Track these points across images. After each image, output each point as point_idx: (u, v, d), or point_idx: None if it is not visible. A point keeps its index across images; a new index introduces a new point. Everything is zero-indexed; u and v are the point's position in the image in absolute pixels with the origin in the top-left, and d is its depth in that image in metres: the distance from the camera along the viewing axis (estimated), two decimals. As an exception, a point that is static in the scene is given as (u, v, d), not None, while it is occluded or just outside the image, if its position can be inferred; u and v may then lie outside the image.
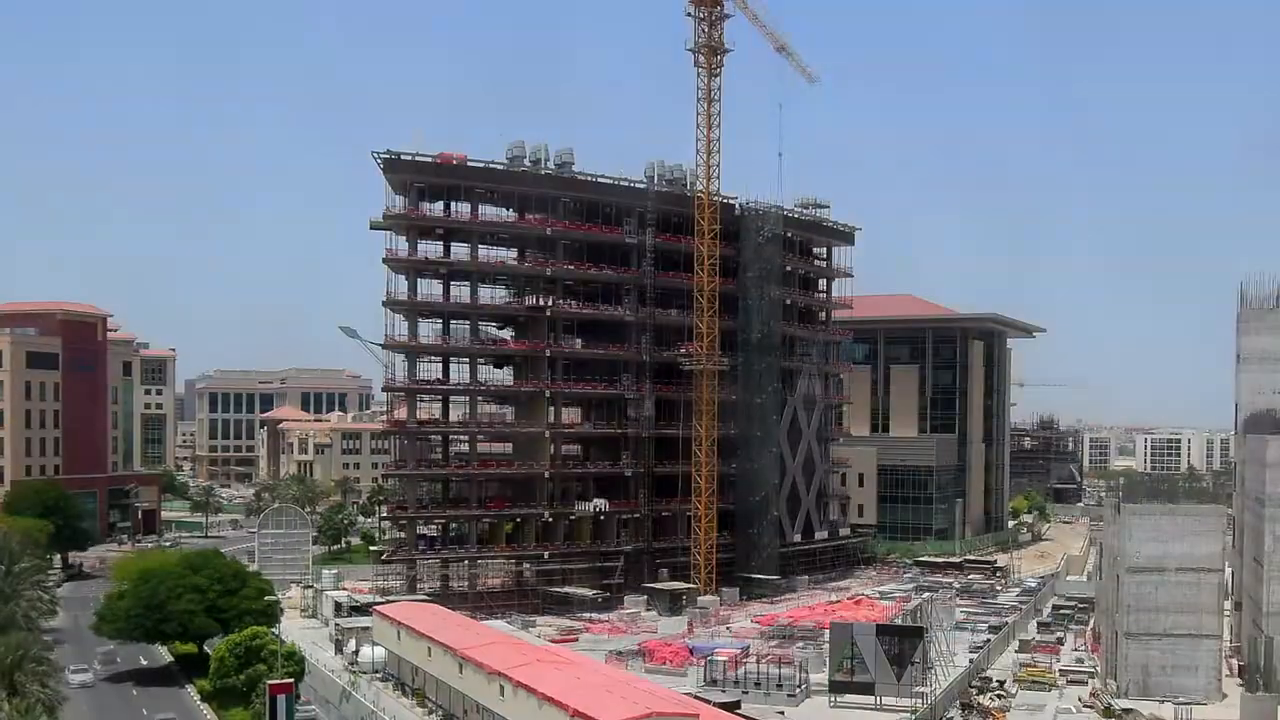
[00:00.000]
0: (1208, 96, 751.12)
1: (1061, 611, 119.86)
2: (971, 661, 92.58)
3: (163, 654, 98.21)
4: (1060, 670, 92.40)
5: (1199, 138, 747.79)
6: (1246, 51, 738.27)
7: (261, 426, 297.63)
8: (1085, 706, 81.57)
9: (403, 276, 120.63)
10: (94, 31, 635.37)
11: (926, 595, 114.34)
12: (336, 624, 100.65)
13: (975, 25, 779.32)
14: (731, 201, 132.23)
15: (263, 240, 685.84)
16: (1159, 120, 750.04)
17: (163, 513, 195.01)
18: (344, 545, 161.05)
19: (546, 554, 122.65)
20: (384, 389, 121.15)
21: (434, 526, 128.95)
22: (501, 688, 68.66)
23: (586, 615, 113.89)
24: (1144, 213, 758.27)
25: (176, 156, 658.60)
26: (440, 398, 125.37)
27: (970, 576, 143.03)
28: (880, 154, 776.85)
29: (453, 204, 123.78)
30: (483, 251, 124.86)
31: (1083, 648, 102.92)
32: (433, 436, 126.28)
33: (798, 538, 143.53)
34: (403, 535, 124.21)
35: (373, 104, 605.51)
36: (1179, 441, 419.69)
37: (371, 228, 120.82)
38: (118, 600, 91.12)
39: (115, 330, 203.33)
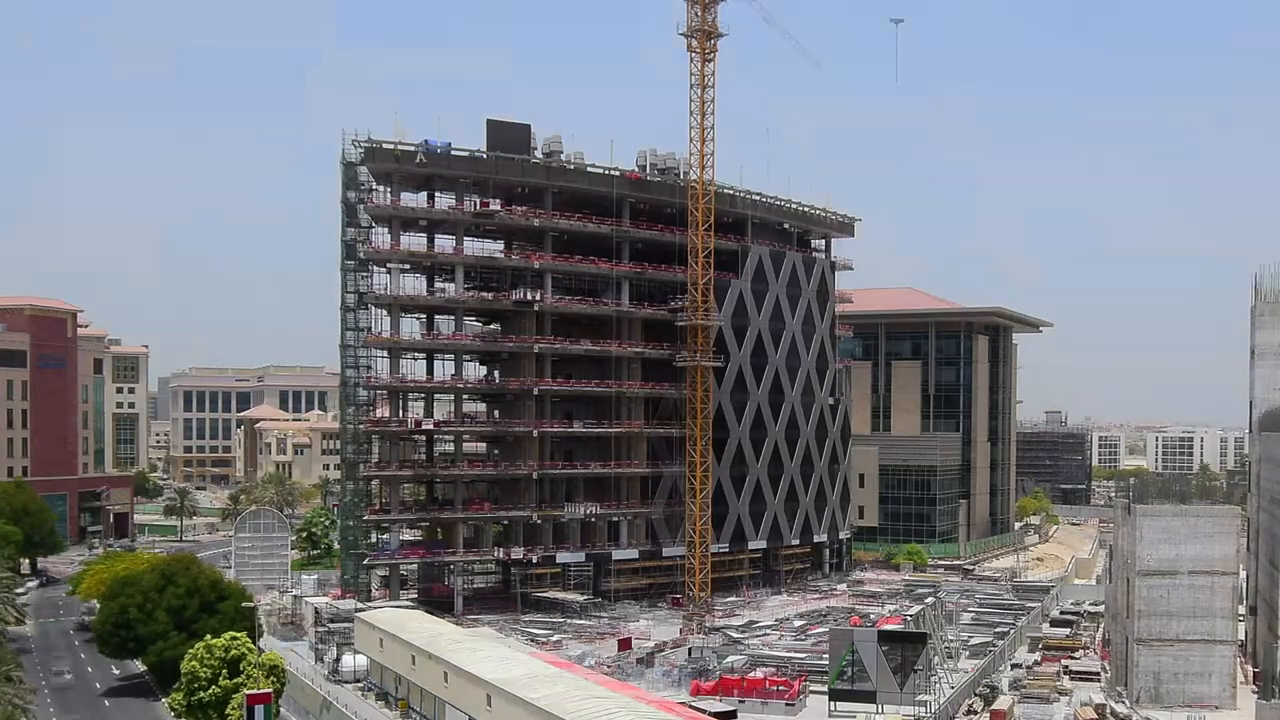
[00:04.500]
0: (1216, 85, 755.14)
1: (1068, 617, 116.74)
2: (976, 668, 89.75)
3: (135, 663, 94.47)
4: (1068, 671, 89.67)
5: (1210, 126, 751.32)
6: (1257, 36, 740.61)
7: (238, 426, 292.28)
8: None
9: (383, 269, 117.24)
10: (68, 23, 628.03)
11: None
12: (317, 632, 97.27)
13: (978, 13, 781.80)
14: (727, 191, 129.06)
15: (240, 234, 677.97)
16: (1166, 110, 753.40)
17: (136, 516, 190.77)
18: (323, 549, 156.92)
19: (535, 558, 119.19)
20: (366, 386, 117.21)
21: (418, 530, 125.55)
22: (488, 697, 67.22)
23: (576, 620, 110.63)
24: (1152, 204, 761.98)
25: (148, 149, 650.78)
26: (423, 395, 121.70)
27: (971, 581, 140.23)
28: (882, 146, 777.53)
29: (436, 195, 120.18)
30: (468, 244, 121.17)
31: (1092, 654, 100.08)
32: (416, 436, 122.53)
33: (796, 541, 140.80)
34: (385, 538, 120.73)
35: (350, 92, 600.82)
36: (1191, 440, 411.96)
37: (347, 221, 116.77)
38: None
39: (85, 326, 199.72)
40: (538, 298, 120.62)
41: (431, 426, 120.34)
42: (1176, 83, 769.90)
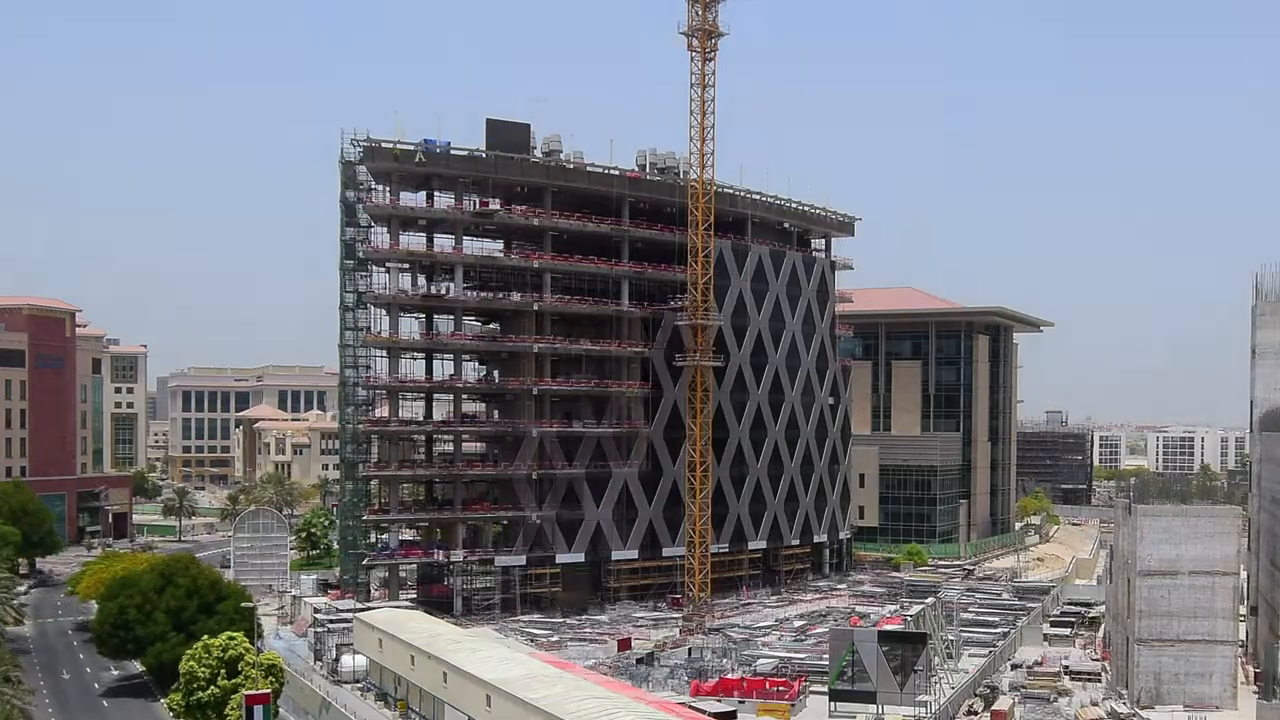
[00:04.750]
0: (1219, 84, 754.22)
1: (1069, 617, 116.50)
2: (976, 668, 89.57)
3: (134, 664, 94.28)
4: (1069, 671, 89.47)
5: (1211, 126, 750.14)
6: (1262, 35, 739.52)
7: (237, 426, 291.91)
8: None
9: (382, 269, 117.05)
10: (68, 21, 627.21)
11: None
12: (315, 632, 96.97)
13: (978, 10, 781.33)
14: (727, 191, 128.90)
15: (239, 234, 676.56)
16: (1169, 108, 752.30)
17: (134, 516, 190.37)
18: (322, 550, 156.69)
19: (535, 557, 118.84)
20: (365, 386, 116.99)
21: (417, 530, 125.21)
22: (488, 697, 67.03)
23: (575, 620, 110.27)
24: (1154, 202, 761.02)
25: (145, 148, 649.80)
26: (423, 395, 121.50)
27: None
28: (883, 144, 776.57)
29: (435, 194, 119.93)
30: (467, 244, 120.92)
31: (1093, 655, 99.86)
32: (415, 436, 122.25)
33: (796, 541, 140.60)
34: (384, 538, 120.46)
35: (350, 92, 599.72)
36: (1192, 440, 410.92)
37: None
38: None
39: (84, 326, 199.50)
40: (537, 297, 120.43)
41: (431, 426, 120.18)
42: (1177, 82, 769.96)
